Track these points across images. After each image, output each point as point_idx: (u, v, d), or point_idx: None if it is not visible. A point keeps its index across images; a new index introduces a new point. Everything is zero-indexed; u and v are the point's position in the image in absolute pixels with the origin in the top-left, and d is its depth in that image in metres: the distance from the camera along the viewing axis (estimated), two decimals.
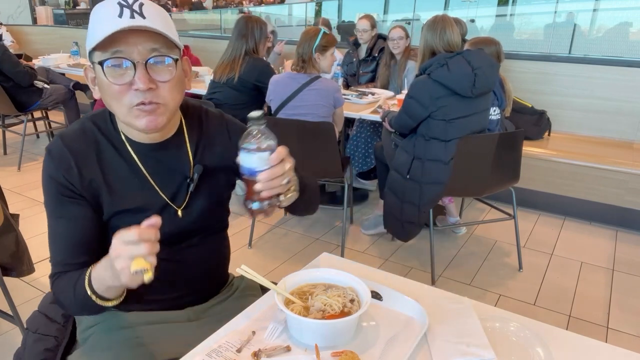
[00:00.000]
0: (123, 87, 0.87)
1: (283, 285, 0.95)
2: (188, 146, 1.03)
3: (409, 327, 0.94)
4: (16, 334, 1.97)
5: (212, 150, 1.07)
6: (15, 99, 3.86)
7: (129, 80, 0.86)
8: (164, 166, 1.01)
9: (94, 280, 0.86)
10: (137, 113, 0.88)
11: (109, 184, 0.96)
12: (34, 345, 1.04)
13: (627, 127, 3.55)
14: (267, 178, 0.83)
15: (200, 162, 1.04)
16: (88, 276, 0.87)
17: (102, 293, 0.86)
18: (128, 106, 0.88)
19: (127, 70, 0.86)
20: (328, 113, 2.67)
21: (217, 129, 1.09)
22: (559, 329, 0.95)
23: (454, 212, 2.98)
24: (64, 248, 0.95)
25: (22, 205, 3.21)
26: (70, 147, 0.95)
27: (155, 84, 0.88)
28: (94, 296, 0.86)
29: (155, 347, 1.00)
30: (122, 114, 0.90)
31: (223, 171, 1.08)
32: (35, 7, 7.39)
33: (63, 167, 0.93)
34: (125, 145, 0.98)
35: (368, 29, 3.84)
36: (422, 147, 2.33)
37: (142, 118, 0.89)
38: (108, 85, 0.87)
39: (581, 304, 2.34)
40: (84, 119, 1.01)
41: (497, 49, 2.84)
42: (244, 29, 2.99)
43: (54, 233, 0.96)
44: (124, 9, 0.85)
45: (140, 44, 0.86)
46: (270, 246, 2.84)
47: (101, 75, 0.87)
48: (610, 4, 6.59)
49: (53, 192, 0.94)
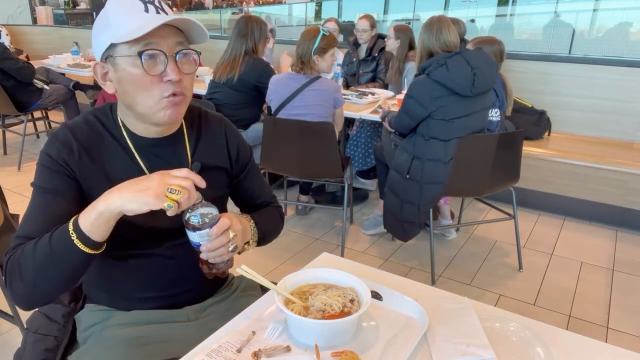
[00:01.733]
0: (155, 79, 0.90)
1: (283, 285, 0.95)
2: (187, 143, 1.06)
3: (409, 327, 0.94)
4: (16, 334, 1.97)
5: (209, 150, 1.09)
6: (15, 98, 3.85)
7: (161, 72, 0.90)
8: (162, 162, 1.02)
9: (82, 214, 0.83)
10: (165, 104, 0.92)
11: (108, 175, 0.98)
12: (34, 345, 1.04)
13: (627, 127, 3.55)
14: (209, 250, 0.91)
15: (198, 160, 1.06)
16: (75, 217, 0.84)
17: (90, 231, 0.82)
18: (158, 97, 0.91)
19: (159, 63, 0.90)
20: (328, 113, 2.67)
21: (216, 130, 1.12)
22: (559, 329, 0.95)
23: (448, 215, 2.97)
24: (40, 222, 0.90)
25: (22, 206, 3.18)
26: (75, 134, 0.97)
27: (182, 75, 0.92)
28: (74, 234, 0.82)
29: (155, 347, 1.00)
30: (148, 105, 0.93)
31: (219, 171, 1.11)
32: (35, 7, 7.38)
33: (66, 150, 0.95)
34: (125, 139, 1.00)
35: (368, 29, 3.84)
36: (422, 147, 2.33)
37: (169, 109, 0.93)
38: (139, 77, 0.90)
39: (581, 304, 2.34)
40: (86, 113, 1.03)
41: (500, 48, 2.84)
42: (243, 28, 2.99)
43: (34, 207, 0.93)
44: (148, 4, 0.90)
45: (169, 38, 0.91)
46: (270, 246, 2.82)
47: (132, 68, 0.90)
48: (610, 4, 6.60)
49: (46, 166, 0.94)
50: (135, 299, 1.06)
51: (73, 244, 0.82)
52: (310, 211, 3.31)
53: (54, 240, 0.84)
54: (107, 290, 1.08)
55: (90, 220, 0.82)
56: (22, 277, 0.85)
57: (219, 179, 1.12)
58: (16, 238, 0.90)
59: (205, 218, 0.88)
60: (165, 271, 1.05)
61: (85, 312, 1.09)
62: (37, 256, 0.84)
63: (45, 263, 0.84)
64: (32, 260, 0.84)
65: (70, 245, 0.82)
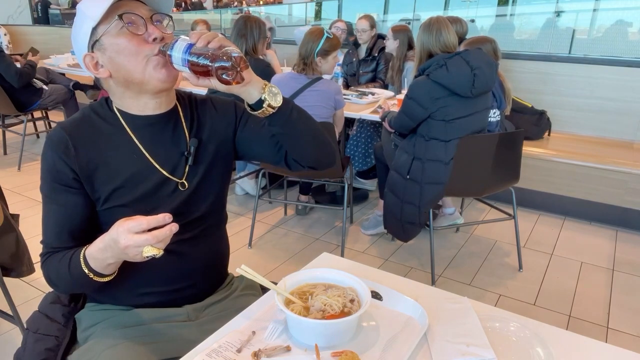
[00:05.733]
0: (140, 39, 0.94)
1: (283, 285, 0.95)
2: (183, 122, 1.08)
3: (409, 327, 0.94)
4: (16, 334, 1.97)
5: (204, 125, 1.11)
6: (15, 98, 3.85)
7: (142, 33, 0.95)
8: (160, 142, 1.04)
9: (90, 260, 0.90)
10: (155, 62, 0.95)
11: (106, 160, 0.99)
12: (34, 345, 1.04)
13: (627, 127, 3.55)
14: (197, 36, 0.89)
15: (196, 137, 1.08)
16: (83, 257, 0.91)
17: (101, 271, 0.91)
18: (149, 55, 0.95)
19: (140, 25, 0.95)
20: (328, 114, 2.67)
21: (205, 106, 1.14)
22: (559, 329, 0.95)
23: (449, 203, 2.96)
24: (52, 232, 0.99)
25: (22, 205, 3.21)
26: (67, 130, 0.99)
27: (164, 34, 0.97)
28: (91, 274, 0.91)
29: (156, 347, 1.00)
30: (140, 69, 0.95)
31: (216, 144, 1.12)
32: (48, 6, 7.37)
33: (61, 149, 0.96)
34: (121, 122, 1.02)
35: (367, 29, 3.84)
36: (422, 148, 2.33)
37: (161, 68, 0.96)
38: (126, 43, 0.94)
39: (581, 304, 2.34)
40: (83, 108, 1.06)
41: (493, 46, 2.84)
42: (243, 28, 2.99)
43: (46, 215, 1.00)
44: None
45: (140, 7, 0.97)
46: (270, 246, 2.84)
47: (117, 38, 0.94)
48: (610, 4, 6.59)
49: (48, 180, 0.98)
50: (137, 294, 1.06)
51: (91, 279, 0.92)
52: (310, 211, 3.31)
53: (73, 272, 0.93)
54: (109, 286, 1.08)
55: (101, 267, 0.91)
56: (57, 288, 1.03)
57: (218, 154, 1.12)
58: (44, 247, 1.01)
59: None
60: (168, 266, 1.05)
61: (85, 312, 1.10)
62: (62, 278, 0.96)
63: (72, 285, 0.98)
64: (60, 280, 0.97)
65: (89, 279, 0.92)
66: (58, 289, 1.05)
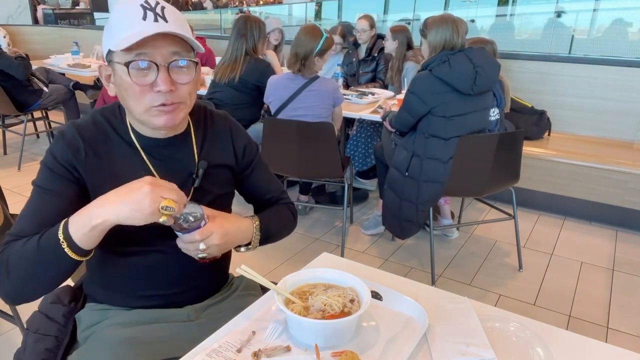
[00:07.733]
0: (145, 88, 0.91)
1: (283, 285, 0.95)
2: (194, 144, 1.07)
3: (409, 327, 0.94)
4: (16, 334, 1.97)
5: (216, 148, 1.10)
6: (15, 98, 3.85)
7: (151, 82, 0.90)
8: (169, 162, 1.03)
9: (73, 221, 0.85)
10: (156, 112, 0.93)
11: (116, 174, 0.98)
12: (34, 345, 1.04)
13: (627, 127, 3.55)
14: (181, 245, 0.96)
15: (205, 159, 1.07)
16: (65, 222, 0.85)
17: (80, 237, 0.84)
18: (148, 106, 0.92)
19: (150, 72, 0.90)
20: (327, 114, 2.67)
21: (221, 129, 1.13)
22: (559, 329, 0.95)
23: (448, 214, 2.97)
24: (35, 221, 0.91)
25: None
26: (82, 134, 0.98)
27: (175, 85, 0.93)
28: (65, 243, 0.84)
29: (156, 347, 1.00)
30: (139, 112, 0.93)
31: (224, 169, 1.12)
32: (36, 6, 7.37)
33: (72, 150, 0.95)
34: (132, 139, 1.01)
35: (367, 29, 3.84)
36: (422, 145, 2.33)
37: (161, 116, 0.94)
38: (130, 85, 0.91)
39: (581, 304, 2.34)
40: (94, 112, 1.04)
41: (492, 47, 2.86)
42: (242, 28, 2.99)
43: (31, 206, 0.95)
44: (147, 11, 0.89)
45: (163, 47, 0.90)
46: (270, 246, 2.81)
47: (124, 76, 0.91)
48: (610, 4, 6.60)
49: (49, 168, 0.95)
50: (137, 297, 1.06)
51: (63, 251, 0.84)
52: (310, 211, 3.31)
53: (42, 243, 0.86)
54: (109, 288, 1.08)
55: (84, 231, 0.84)
56: (10, 276, 0.87)
57: (225, 177, 1.13)
58: (8, 235, 0.92)
59: (190, 217, 0.91)
60: (168, 268, 1.05)
61: (85, 312, 1.09)
62: (25, 258, 0.86)
63: (34, 265, 0.86)
64: (20, 261, 0.87)
65: (60, 252, 0.84)
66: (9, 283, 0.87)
